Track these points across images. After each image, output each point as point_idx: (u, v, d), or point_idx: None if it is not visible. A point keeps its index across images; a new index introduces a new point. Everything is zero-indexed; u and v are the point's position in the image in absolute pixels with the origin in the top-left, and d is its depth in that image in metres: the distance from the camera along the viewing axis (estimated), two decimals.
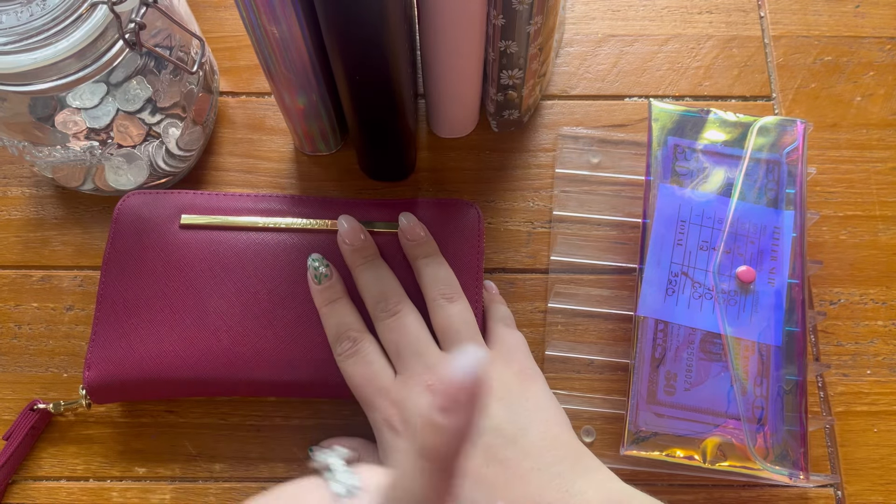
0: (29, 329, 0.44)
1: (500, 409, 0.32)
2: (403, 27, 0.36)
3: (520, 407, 0.32)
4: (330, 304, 0.38)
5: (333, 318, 0.38)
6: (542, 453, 0.31)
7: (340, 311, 0.38)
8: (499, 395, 0.33)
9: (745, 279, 0.40)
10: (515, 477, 0.30)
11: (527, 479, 0.30)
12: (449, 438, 0.21)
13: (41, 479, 0.41)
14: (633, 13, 0.52)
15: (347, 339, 0.37)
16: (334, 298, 0.38)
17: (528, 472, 0.30)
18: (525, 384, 0.35)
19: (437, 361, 0.35)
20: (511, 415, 0.32)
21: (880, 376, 0.42)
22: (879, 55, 0.50)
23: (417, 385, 0.33)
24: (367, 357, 0.36)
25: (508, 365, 0.36)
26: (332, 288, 0.39)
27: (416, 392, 0.33)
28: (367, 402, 0.35)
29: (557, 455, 0.31)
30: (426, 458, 0.21)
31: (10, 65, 0.36)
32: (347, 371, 0.37)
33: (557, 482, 0.30)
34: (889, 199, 0.46)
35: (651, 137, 0.43)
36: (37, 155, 0.42)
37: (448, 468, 0.22)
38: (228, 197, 0.43)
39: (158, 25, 0.40)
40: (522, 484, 0.30)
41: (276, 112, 0.49)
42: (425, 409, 0.22)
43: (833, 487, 0.40)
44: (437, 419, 0.21)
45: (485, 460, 0.30)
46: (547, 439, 0.31)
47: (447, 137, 0.48)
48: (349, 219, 0.40)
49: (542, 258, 0.45)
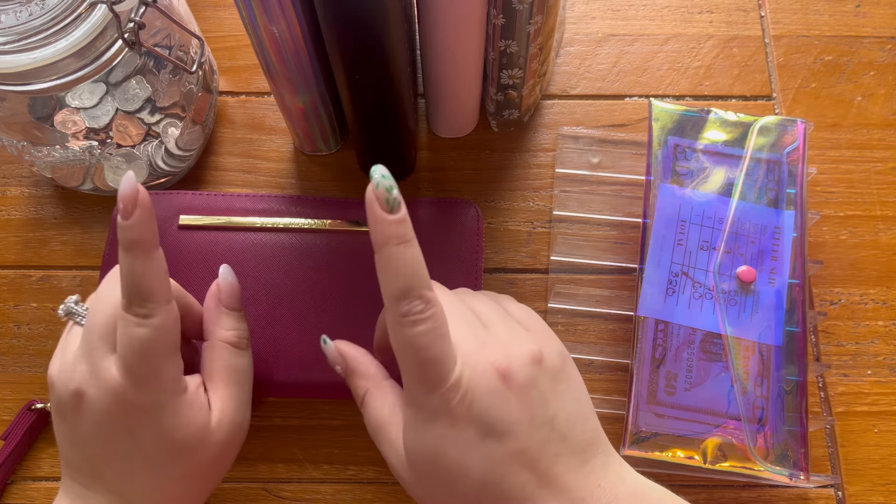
0: (28, 329, 0.44)
1: (553, 397, 0.30)
2: (403, 27, 0.36)
3: (568, 395, 0.31)
4: (402, 244, 0.29)
5: (405, 264, 0.29)
6: (585, 449, 0.31)
7: (414, 260, 0.29)
8: (552, 380, 0.31)
9: (746, 279, 0.40)
10: (562, 473, 0.30)
11: (569, 475, 0.30)
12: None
13: (40, 480, 0.41)
14: (633, 13, 0.52)
15: (420, 298, 0.29)
16: (408, 239, 0.29)
17: (572, 469, 0.30)
18: (565, 367, 0.32)
19: (490, 338, 0.31)
20: (562, 404, 0.31)
21: (881, 376, 0.42)
22: (880, 55, 0.50)
23: (483, 365, 0.30)
24: (440, 329, 0.29)
25: (550, 342, 0.32)
26: (406, 223, 0.29)
27: (482, 371, 0.30)
28: (426, 382, 0.29)
29: (593, 450, 0.31)
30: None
31: (9, 64, 0.36)
32: (415, 340, 0.29)
33: (592, 478, 0.30)
34: (889, 199, 0.46)
35: (651, 137, 0.43)
36: (36, 155, 0.42)
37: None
38: (227, 197, 0.43)
39: (158, 25, 0.40)
40: (569, 479, 0.30)
41: (275, 112, 0.49)
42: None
43: (833, 488, 0.40)
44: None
45: (539, 456, 0.29)
46: (589, 432, 0.31)
47: (447, 137, 0.48)
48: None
49: (542, 258, 0.45)
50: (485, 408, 0.29)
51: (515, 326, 0.32)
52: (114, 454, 0.31)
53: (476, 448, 0.29)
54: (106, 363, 0.31)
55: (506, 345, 0.31)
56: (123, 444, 0.31)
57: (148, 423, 0.31)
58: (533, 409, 0.30)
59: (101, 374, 0.31)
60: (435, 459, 0.29)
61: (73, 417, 0.31)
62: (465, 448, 0.29)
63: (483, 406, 0.29)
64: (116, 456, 0.31)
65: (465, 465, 0.29)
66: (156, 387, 0.31)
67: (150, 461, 0.31)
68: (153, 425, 0.31)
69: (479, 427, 0.29)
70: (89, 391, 0.31)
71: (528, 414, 0.29)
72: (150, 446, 0.31)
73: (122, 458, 0.31)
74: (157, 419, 0.31)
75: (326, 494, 0.40)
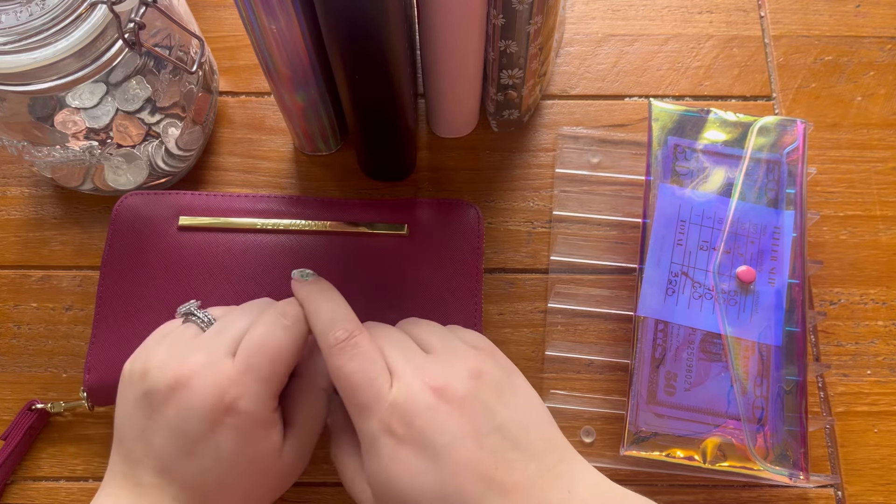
0: (28, 329, 0.44)
1: (499, 406, 0.31)
2: (403, 27, 0.36)
3: (516, 404, 0.32)
4: (321, 291, 0.35)
5: (326, 304, 0.34)
6: (545, 455, 0.31)
7: (335, 301, 0.34)
8: (496, 391, 0.32)
9: (746, 279, 0.40)
10: (523, 479, 0.30)
11: (532, 481, 0.30)
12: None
13: (40, 480, 0.41)
14: (633, 13, 0.52)
15: (343, 328, 0.33)
16: (327, 288, 0.35)
17: (534, 475, 0.30)
18: (511, 378, 0.33)
19: (427, 361, 0.33)
20: (510, 412, 0.31)
21: (880, 376, 0.42)
22: (880, 55, 0.50)
23: (417, 384, 0.32)
24: (368, 353, 0.32)
25: (494, 359, 0.34)
26: (324, 282, 0.36)
27: (418, 390, 0.31)
28: (362, 408, 0.31)
29: (556, 456, 0.31)
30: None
31: (9, 65, 0.36)
32: (344, 367, 0.32)
33: (560, 483, 0.30)
34: (889, 199, 0.46)
35: (651, 137, 0.43)
36: (36, 155, 0.42)
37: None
38: (227, 198, 0.43)
39: (158, 25, 0.40)
40: (529, 486, 0.30)
41: (275, 112, 0.49)
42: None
43: (833, 488, 0.40)
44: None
45: (494, 463, 0.30)
46: (545, 439, 0.31)
47: (447, 137, 0.48)
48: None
49: (542, 258, 0.45)
50: (425, 424, 0.30)
51: (459, 348, 0.33)
52: (189, 448, 0.31)
53: (425, 464, 0.29)
54: (225, 359, 0.32)
55: (443, 365, 0.32)
56: (203, 440, 0.31)
57: (235, 427, 0.31)
58: (476, 419, 0.30)
59: (217, 366, 0.31)
60: (391, 483, 0.30)
61: (161, 405, 0.31)
62: (415, 466, 0.29)
63: (422, 422, 0.30)
64: (191, 451, 0.31)
65: (420, 483, 0.29)
66: (262, 393, 0.32)
67: (222, 464, 0.31)
68: (240, 431, 0.31)
69: (422, 444, 0.30)
70: (195, 380, 0.31)
71: (471, 425, 0.30)
72: (227, 449, 0.31)
73: (198, 454, 0.31)
74: (245, 426, 0.31)
75: (327, 495, 0.40)
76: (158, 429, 0.31)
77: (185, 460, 0.31)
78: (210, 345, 0.32)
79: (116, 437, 0.33)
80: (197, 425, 0.31)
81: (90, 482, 0.41)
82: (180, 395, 0.31)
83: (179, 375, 0.31)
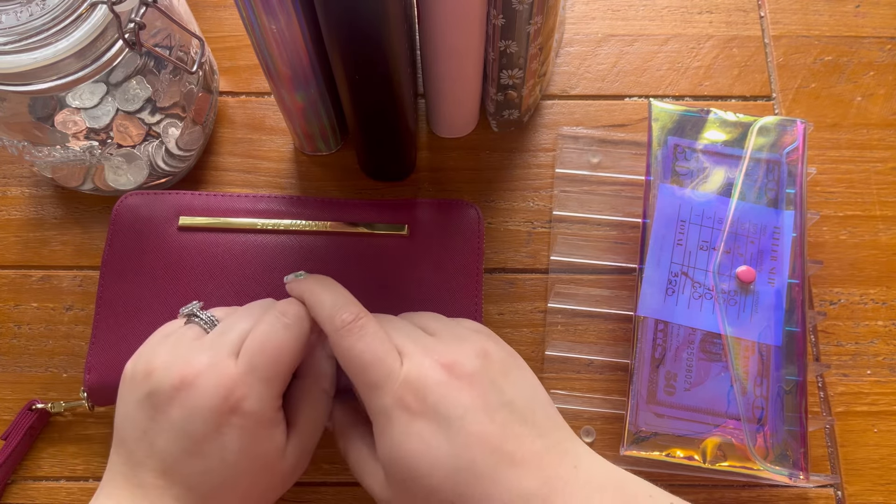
0: (28, 329, 0.44)
1: (507, 385, 0.32)
2: (403, 27, 0.36)
3: (522, 383, 0.33)
4: (319, 282, 0.35)
5: (328, 292, 0.34)
6: (551, 432, 0.31)
7: (335, 289, 0.35)
8: (503, 370, 0.32)
9: (745, 279, 0.40)
10: (532, 453, 0.30)
11: (541, 455, 0.30)
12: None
13: (41, 479, 0.41)
14: (633, 13, 0.52)
15: (348, 311, 0.33)
16: (322, 280, 0.35)
17: (542, 450, 0.30)
18: (516, 360, 0.34)
19: (434, 342, 0.33)
20: (518, 391, 0.32)
21: (880, 376, 0.42)
22: (880, 55, 0.50)
23: (428, 362, 0.32)
24: (376, 333, 0.32)
25: (497, 342, 0.35)
26: (317, 275, 0.36)
27: (429, 366, 0.31)
28: (374, 386, 0.31)
29: (562, 434, 0.32)
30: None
31: (9, 65, 0.36)
32: (353, 347, 0.32)
33: (567, 459, 0.31)
34: (889, 199, 0.46)
35: (651, 137, 0.43)
36: (36, 155, 0.42)
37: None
38: (227, 198, 0.43)
39: (158, 25, 0.40)
40: (538, 459, 0.30)
41: (275, 112, 0.49)
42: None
43: (833, 488, 0.40)
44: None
45: (504, 436, 0.30)
46: (550, 417, 0.32)
47: (447, 137, 0.48)
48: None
49: (542, 258, 0.45)
50: (439, 398, 0.30)
51: (463, 332, 0.34)
52: (193, 449, 0.31)
53: (439, 437, 0.30)
54: (229, 360, 0.32)
55: (450, 346, 0.32)
56: (208, 441, 0.31)
57: (240, 427, 0.31)
58: (486, 395, 0.31)
59: (221, 367, 0.31)
60: (406, 458, 0.30)
61: (165, 406, 0.31)
62: (429, 439, 0.30)
63: (435, 397, 0.30)
64: (196, 451, 0.31)
65: (434, 456, 0.30)
66: (266, 393, 0.32)
67: (226, 464, 0.31)
68: (245, 431, 0.31)
69: (436, 417, 0.30)
70: (200, 380, 0.31)
71: (481, 399, 0.30)
72: (232, 449, 0.31)
73: (202, 454, 0.31)
74: (250, 426, 0.31)
75: (327, 495, 0.40)
76: (162, 430, 0.31)
77: (189, 461, 0.31)
78: (214, 346, 0.33)
79: (117, 438, 0.33)
80: (202, 426, 0.31)
81: (90, 482, 0.41)
82: (185, 395, 0.31)
83: (184, 376, 0.31)
